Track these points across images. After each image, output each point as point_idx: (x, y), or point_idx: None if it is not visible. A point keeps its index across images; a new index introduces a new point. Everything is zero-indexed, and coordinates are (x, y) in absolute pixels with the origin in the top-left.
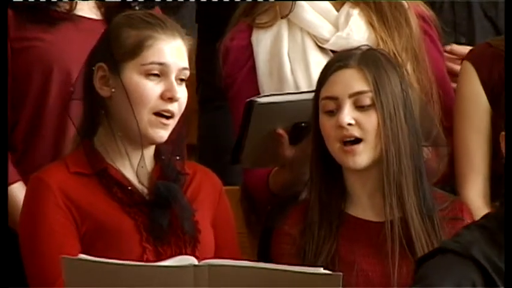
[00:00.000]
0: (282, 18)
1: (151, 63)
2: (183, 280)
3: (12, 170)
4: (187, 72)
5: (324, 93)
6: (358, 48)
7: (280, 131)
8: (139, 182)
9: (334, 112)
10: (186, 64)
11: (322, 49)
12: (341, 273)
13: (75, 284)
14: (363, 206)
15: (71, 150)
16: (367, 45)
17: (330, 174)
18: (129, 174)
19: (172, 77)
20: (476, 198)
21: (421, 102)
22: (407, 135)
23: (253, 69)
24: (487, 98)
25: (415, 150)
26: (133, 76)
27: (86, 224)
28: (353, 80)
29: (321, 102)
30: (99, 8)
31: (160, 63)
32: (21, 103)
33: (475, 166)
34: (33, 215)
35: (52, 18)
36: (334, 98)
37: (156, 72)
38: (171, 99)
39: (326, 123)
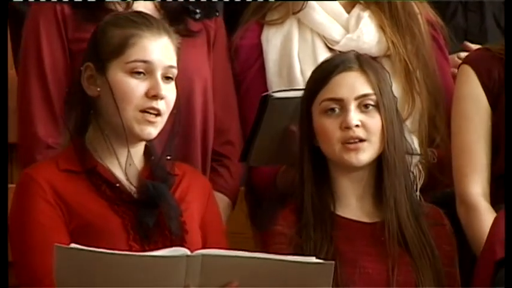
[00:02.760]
0: (293, 14)
1: (135, 61)
2: (176, 270)
3: None
4: (175, 71)
5: (325, 95)
6: (348, 52)
7: (294, 128)
8: (128, 180)
9: (336, 114)
10: (173, 62)
11: (332, 50)
12: (333, 262)
13: (67, 273)
14: (351, 208)
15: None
16: (353, 50)
17: (320, 176)
18: (118, 172)
19: (158, 74)
20: (480, 197)
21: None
22: (400, 138)
23: (262, 68)
24: (487, 99)
25: (404, 155)
26: (117, 74)
27: (75, 221)
28: (358, 83)
29: (320, 103)
30: (158, 10)
31: (144, 61)
32: None
33: (477, 166)
34: (22, 210)
35: None
36: (339, 100)
37: (140, 70)
38: (156, 97)
39: (327, 124)
